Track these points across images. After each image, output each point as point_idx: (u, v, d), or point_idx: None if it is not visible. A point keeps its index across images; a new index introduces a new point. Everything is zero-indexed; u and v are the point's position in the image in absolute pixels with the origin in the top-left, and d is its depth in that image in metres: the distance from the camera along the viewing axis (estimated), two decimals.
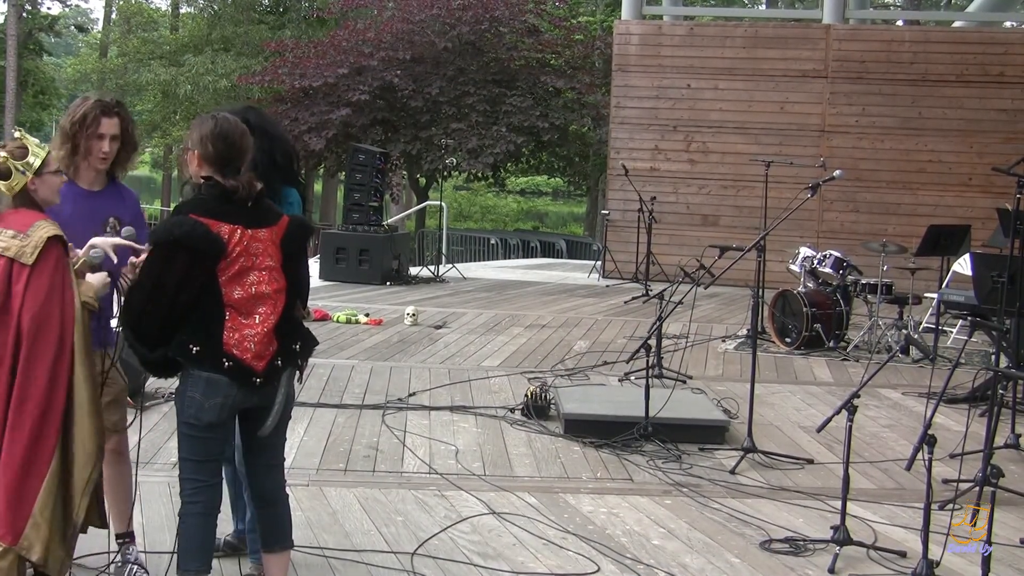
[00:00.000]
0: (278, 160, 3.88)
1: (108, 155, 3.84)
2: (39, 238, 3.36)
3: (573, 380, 7.67)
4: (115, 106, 3.87)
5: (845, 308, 9.23)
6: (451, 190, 38.10)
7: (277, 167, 3.89)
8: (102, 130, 3.80)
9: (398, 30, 19.17)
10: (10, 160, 3.41)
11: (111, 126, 3.82)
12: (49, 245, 3.36)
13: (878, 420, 6.93)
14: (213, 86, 27.28)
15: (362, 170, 13.56)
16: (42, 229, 3.38)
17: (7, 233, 3.38)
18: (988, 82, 13.89)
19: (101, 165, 3.86)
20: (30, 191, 3.45)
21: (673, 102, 14.67)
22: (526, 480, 5.41)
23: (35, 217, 3.43)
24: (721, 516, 4.94)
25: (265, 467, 3.62)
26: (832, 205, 14.12)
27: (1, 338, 3.33)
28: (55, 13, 36.13)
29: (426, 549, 4.39)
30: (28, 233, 3.36)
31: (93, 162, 3.83)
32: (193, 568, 3.42)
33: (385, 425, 6.27)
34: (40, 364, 3.34)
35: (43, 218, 3.45)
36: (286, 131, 4.12)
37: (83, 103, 3.84)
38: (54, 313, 3.36)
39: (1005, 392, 6.13)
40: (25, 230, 3.37)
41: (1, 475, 3.31)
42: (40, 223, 3.41)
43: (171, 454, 5.08)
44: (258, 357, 3.38)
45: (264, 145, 3.86)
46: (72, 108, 3.86)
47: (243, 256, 3.36)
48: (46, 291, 3.35)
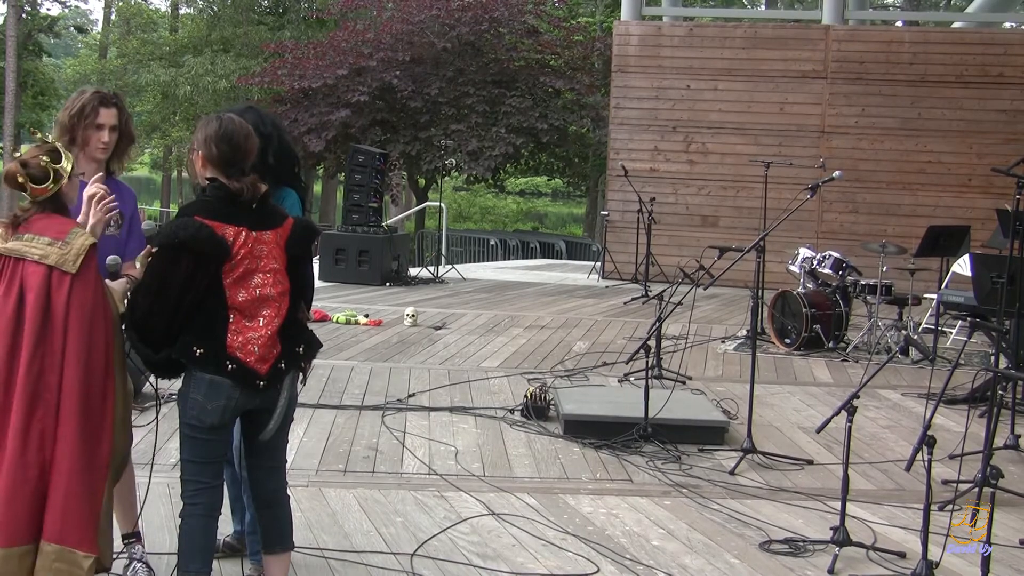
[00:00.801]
0: (269, 161, 3.87)
1: (108, 145, 3.83)
2: (80, 245, 3.30)
3: (573, 381, 7.67)
4: (113, 97, 3.87)
5: (844, 309, 9.23)
6: (450, 191, 38.12)
7: (269, 168, 3.88)
8: (100, 120, 3.79)
9: (397, 31, 19.17)
10: (50, 164, 3.34)
11: (109, 116, 3.81)
12: (91, 253, 3.32)
13: (878, 421, 6.93)
14: (213, 87, 27.30)
15: (361, 171, 13.56)
16: (80, 236, 3.33)
17: (42, 240, 3.30)
18: (988, 83, 13.89)
19: (100, 155, 3.84)
20: (62, 194, 3.39)
21: (672, 103, 14.68)
22: (526, 481, 5.41)
23: (68, 224, 3.37)
24: (721, 517, 4.94)
25: (266, 469, 3.61)
26: (831, 206, 14.12)
27: (47, 347, 3.25)
28: (55, 14, 36.13)
29: (426, 550, 4.39)
30: (67, 240, 3.30)
31: (92, 152, 3.81)
32: (193, 569, 3.42)
33: (385, 426, 6.27)
34: (95, 373, 3.31)
35: (76, 224, 3.40)
36: (284, 131, 4.09)
37: (80, 96, 3.83)
38: (99, 323, 3.32)
39: (1004, 393, 6.14)
40: (63, 237, 3.31)
41: (72, 486, 3.27)
42: (76, 230, 3.35)
43: (171, 455, 5.08)
44: (261, 360, 3.37)
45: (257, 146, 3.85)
46: (70, 102, 3.84)
47: (248, 259, 3.35)
48: (91, 300, 3.31)
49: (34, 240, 3.31)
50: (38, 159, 3.35)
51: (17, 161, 3.37)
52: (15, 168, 3.35)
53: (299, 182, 4.13)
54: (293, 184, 4.06)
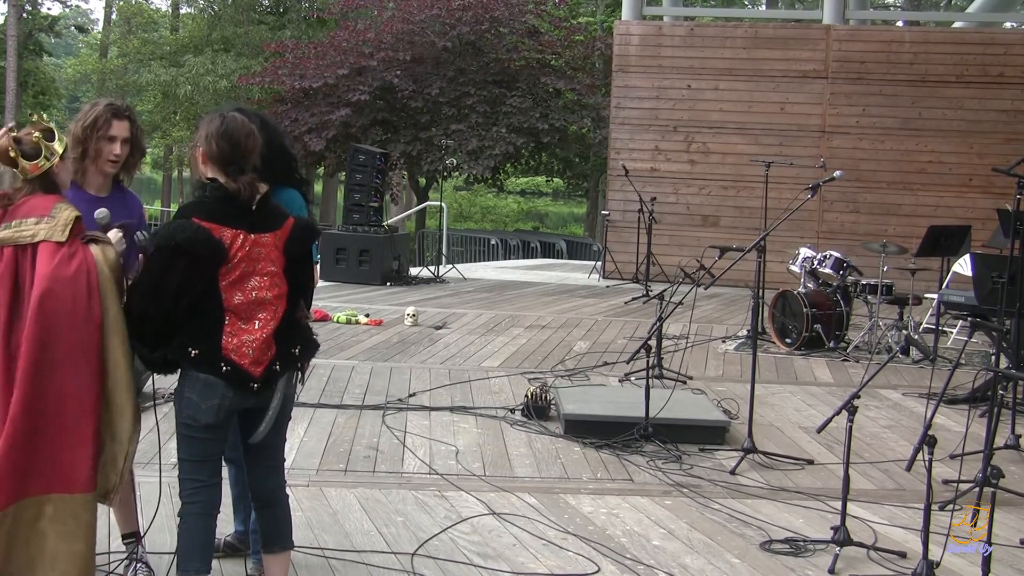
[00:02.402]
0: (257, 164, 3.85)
1: (119, 157, 3.81)
2: (67, 217, 3.36)
3: (573, 381, 7.67)
4: (126, 109, 3.85)
5: (845, 309, 9.23)
6: (451, 191, 38.12)
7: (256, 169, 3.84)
8: (113, 132, 3.78)
9: (398, 30, 19.17)
10: (42, 141, 3.39)
11: (122, 128, 3.79)
12: (77, 225, 3.38)
13: (878, 421, 6.93)
14: (213, 87, 27.31)
15: (362, 171, 13.56)
16: (65, 210, 3.39)
17: (29, 221, 3.36)
18: (988, 83, 13.90)
19: (111, 168, 3.82)
20: (53, 174, 3.45)
21: (673, 103, 14.68)
22: (526, 481, 5.41)
23: (53, 200, 3.43)
24: (721, 517, 4.94)
25: (265, 468, 3.61)
26: (832, 206, 14.12)
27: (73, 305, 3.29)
28: (55, 14, 36.15)
29: (426, 550, 4.39)
30: (52, 215, 3.36)
31: (102, 165, 3.79)
32: (193, 568, 3.42)
33: (385, 425, 6.27)
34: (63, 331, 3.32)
35: (60, 199, 3.45)
36: (274, 130, 4.05)
37: (93, 107, 3.81)
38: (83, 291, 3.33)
39: (1005, 393, 6.14)
40: (48, 212, 3.37)
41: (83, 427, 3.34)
42: (60, 204, 3.41)
43: (170, 455, 5.07)
44: (256, 363, 3.37)
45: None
46: (82, 113, 3.82)
47: (244, 262, 3.35)
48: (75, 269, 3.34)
49: (22, 225, 3.36)
50: (31, 135, 3.41)
51: (10, 136, 3.40)
52: (7, 142, 3.39)
53: (297, 181, 4.10)
54: (293, 184, 4.04)
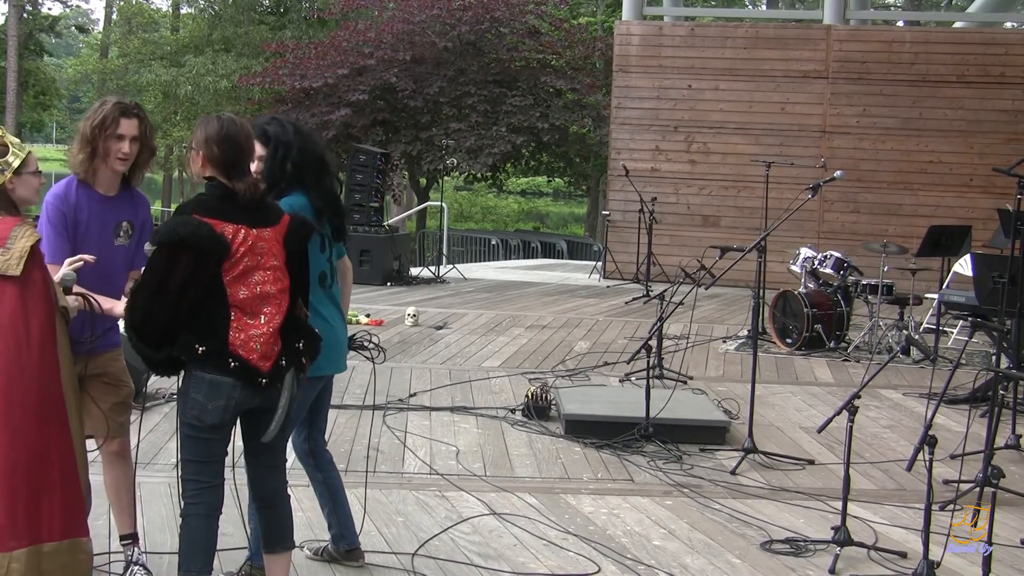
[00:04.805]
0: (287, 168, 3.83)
1: (128, 156, 3.77)
2: (22, 248, 3.23)
3: (574, 381, 7.67)
4: (134, 108, 3.81)
5: (846, 309, 9.23)
6: (452, 191, 38.12)
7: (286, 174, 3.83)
8: (121, 131, 3.74)
9: (398, 30, 19.17)
10: None
11: (131, 127, 3.75)
12: (33, 253, 3.24)
13: (879, 421, 6.93)
14: (214, 87, 27.34)
15: (363, 171, 13.57)
16: (22, 239, 3.25)
17: None
18: (989, 83, 13.90)
19: (120, 167, 3.79)
20: (7, 190, 3.32)
21: (674, 103, 14.68)
22: (527, 481, 5.41)
23: (10, 224, 3.29)
24: (722, 517, 4.94)
25: (266, 468, 3.61)
26: (833, 206, 14.12)
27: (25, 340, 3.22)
28: (56, 14, 36.19)
29: (427, 550, 4.39)
30: (8, 246, 3.22)
31: (111, 163, 3.75)
32: (194, 569, 3.41)
33: (386, 425, 6.27)
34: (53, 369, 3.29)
35: (18, 221, 3.31)
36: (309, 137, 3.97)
37: (102, 106, 3.77)
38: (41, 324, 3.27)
39: (1006, 393, 6.14)
40: (3, 243, 3.23)
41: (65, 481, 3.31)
42: (16, 231, 3.27)
43: (171, 455, 5.07)
44: (264, 358, 3.37)
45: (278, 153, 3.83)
46: (91, 112, 3.78)
47: (248, 256, 3.35)
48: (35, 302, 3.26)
49: None
50: None
51: None
52: None
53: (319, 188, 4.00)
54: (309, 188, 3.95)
